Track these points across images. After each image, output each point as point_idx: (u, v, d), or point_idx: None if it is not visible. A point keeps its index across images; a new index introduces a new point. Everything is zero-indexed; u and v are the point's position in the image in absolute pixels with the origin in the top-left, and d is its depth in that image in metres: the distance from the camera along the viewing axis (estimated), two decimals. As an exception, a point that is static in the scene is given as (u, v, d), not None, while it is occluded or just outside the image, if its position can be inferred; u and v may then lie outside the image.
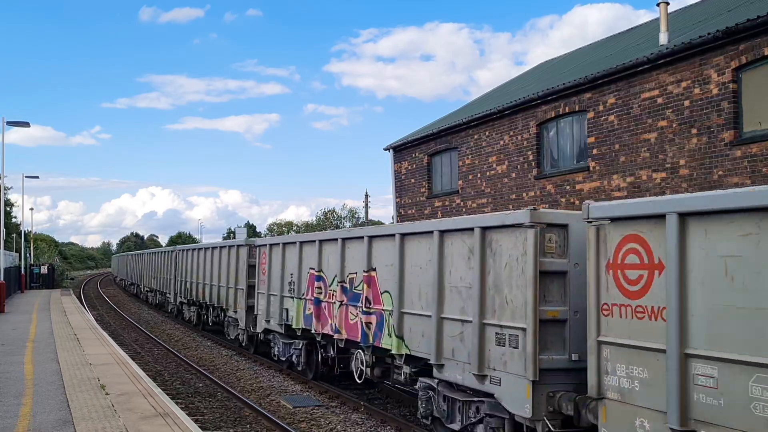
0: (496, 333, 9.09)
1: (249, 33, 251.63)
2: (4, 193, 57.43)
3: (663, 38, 16.92)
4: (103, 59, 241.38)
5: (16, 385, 12.80)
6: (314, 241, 15.12)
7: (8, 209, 63.12)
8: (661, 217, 6.96)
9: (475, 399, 9.66)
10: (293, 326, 15.98)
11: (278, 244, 17.14)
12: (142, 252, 48.50)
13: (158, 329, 28.96)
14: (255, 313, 18.76)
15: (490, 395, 9.23)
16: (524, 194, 20.05)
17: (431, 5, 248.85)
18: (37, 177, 50.57)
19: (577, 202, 17.67)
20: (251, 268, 20.00)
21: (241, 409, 13.68)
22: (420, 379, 11.09)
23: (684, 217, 6.75)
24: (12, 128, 46.78)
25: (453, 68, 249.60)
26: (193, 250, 28.30)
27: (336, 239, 14.05)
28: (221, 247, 23.80)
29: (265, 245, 17.95)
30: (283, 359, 17.24)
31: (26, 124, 32.89)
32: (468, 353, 9.55)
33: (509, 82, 30.20)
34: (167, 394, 12.89)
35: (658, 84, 15.66)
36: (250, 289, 19.80)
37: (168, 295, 34.21)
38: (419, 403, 11.09)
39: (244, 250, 20.85)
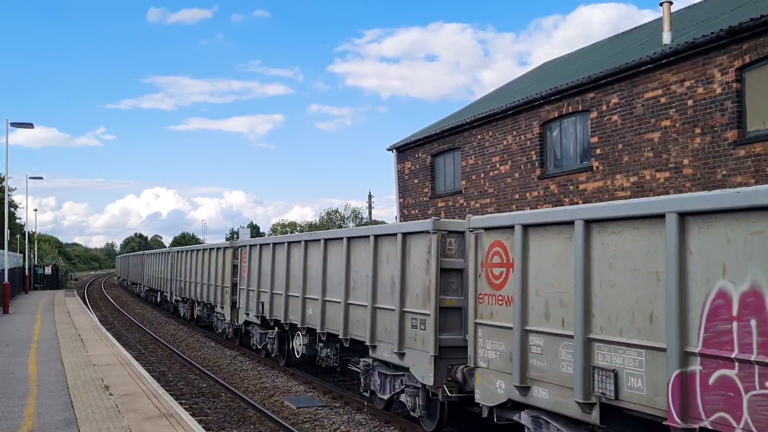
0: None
1: (254, 34, 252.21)
2: (9, 194, 57.59)
3: (666, 38, 16.89)
4: (108, 60, 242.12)
5: (21, 386, 12.82)
6: None
7: (12, 210, 63.22)
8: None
9: None
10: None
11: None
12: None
13: (162, 330, 29.00)
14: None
15: None
16: (527, 194, 20.04)
17: (435, 5, 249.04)
18: (41, 178, 50.75)
19: (580, 202, 17.65)
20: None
21: (245, 409, 13.70)
22: None
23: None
24: (16, 129, 46.88)
25: (457, 68, 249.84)
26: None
27: None
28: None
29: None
30: None
31: (30, 126, 32.94)
32: None
33: (512, 82, 30.18)
34: (171, 395, 12.89)
35: (662, 84, 15.63)
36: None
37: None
38: None
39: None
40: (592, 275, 7.66)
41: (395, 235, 12.05)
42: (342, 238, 14.10)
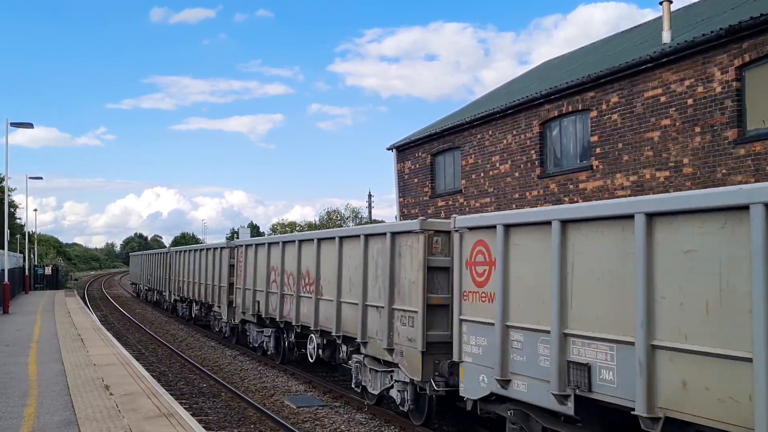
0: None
1: (254, 33, 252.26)
2: (9, 195, 57.59)
3: (666, 37, 16.88)
4: (109, 60, 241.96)
5: (21, 386, 12.82)
6: None
7: (12, 210, 63.22)
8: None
9: None
10: None
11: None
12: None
13: (162, 330, 29.00)
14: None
15: None
16: (527, 193, 20.03)
17: (435, 5, 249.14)
18: (40, 178, 50.74)
19: (580, 201, 17.64)
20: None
21: (245, 409, 13.70)
22: None
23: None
24: (16, 129, 46.80)
25: (457, 68, 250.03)
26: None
27: None
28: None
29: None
30: None
31: (30, 126, 32.92)
32: None
33: (512, 82, 30.17)
34: (171, 395, 12.89)
35: (661, 83, 15.63)
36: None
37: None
38: None
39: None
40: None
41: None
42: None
